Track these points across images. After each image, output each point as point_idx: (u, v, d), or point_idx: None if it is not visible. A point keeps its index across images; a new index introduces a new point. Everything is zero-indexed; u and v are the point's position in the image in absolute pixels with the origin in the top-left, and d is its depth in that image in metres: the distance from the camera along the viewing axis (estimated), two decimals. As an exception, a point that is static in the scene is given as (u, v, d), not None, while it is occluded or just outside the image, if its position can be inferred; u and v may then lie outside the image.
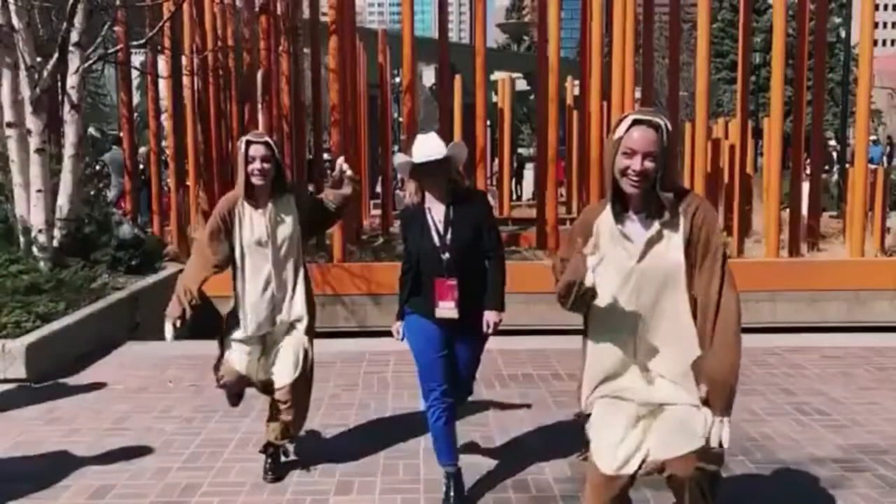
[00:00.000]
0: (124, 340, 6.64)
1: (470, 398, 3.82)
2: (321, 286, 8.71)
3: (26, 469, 3.95)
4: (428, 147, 3.36)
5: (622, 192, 2.32)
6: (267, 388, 3.75)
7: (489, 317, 3.44)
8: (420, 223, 3.44)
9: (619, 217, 2.35)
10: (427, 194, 3.44)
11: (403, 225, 3.62)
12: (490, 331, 3.47)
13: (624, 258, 2.34)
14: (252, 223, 3.65)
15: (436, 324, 3.42)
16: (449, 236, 3.39)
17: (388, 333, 3.59)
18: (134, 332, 7.02)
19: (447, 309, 3.38)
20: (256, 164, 3.55)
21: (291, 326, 3.74)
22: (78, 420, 4.69)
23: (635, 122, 2.28)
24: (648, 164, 2.25)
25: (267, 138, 3.68)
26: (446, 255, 3.36)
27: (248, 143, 3.58)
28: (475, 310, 3.40)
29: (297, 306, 3.75)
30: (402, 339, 3.53)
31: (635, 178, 2.25)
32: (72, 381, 5.51)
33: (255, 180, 3.58)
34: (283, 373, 3.67)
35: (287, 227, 3.69)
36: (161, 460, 4.02)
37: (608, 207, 2.37)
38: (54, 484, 3.70)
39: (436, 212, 3.43)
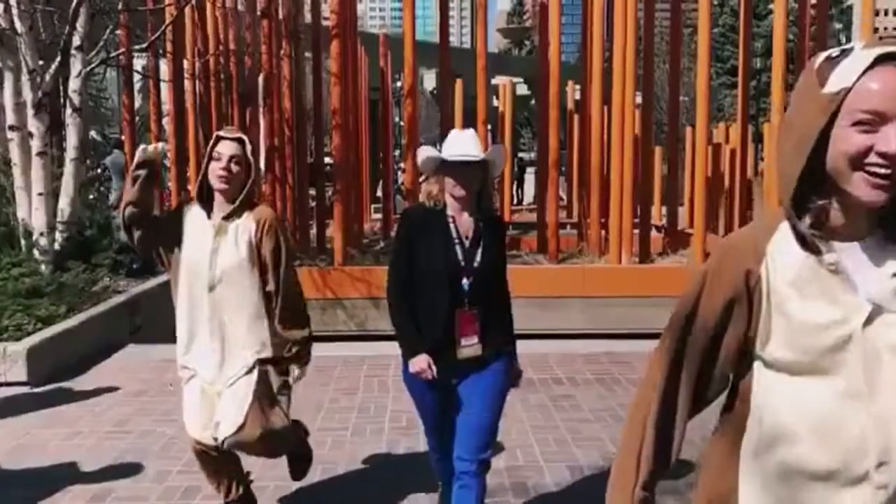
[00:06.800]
0: (125, 343, 6.64)
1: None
2: (322, 290, 8.72)
3: (27, 472, 3.95)
4: (464, 145, 2.77)
5: (821, 206, 1.24)
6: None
7: (519, 370, 3.02)
8: (440, 232, 2.79)
9: (817, 247, 1.24)
10: (450, 201, 2.81)
11: (411, 227, 2.87)
12: (517, 387, 3.05)
13: (833, 318, 1.23)
14: (199, 236, 2.99)
15: (446, 369, 2.79)
16: (478, 256, 2.79)
17: (389, 337, 3.17)
18: (134, 335, 7.03)
19: (470, 347, 2.78)
20: (222, 164, 2.92)
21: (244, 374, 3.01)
22: (79, 423, 4.69)
23: (880, 60, 1.17)
24: None
25: (241, 135, 3.04)
26: (470, 279, 2.76)
27: (219, 138, 2.99)
28: (493, 347, 2.85)
29: (243, 358, 2.99)
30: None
31: (885, 173, 1.16)
32: (72, 384, 5.51)
33: (217, 184, 2.94)
34: (225, 425, 2.95)
35: (232, 253, 2.95)
36: (161, 463, 4.02)
37: (783, 230, 1.28)
38: (55, 487, 3.71)
39: (461, 224, 2.82)
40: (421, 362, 2.76)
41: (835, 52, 1.23)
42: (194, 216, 3.04)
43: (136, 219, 2.97)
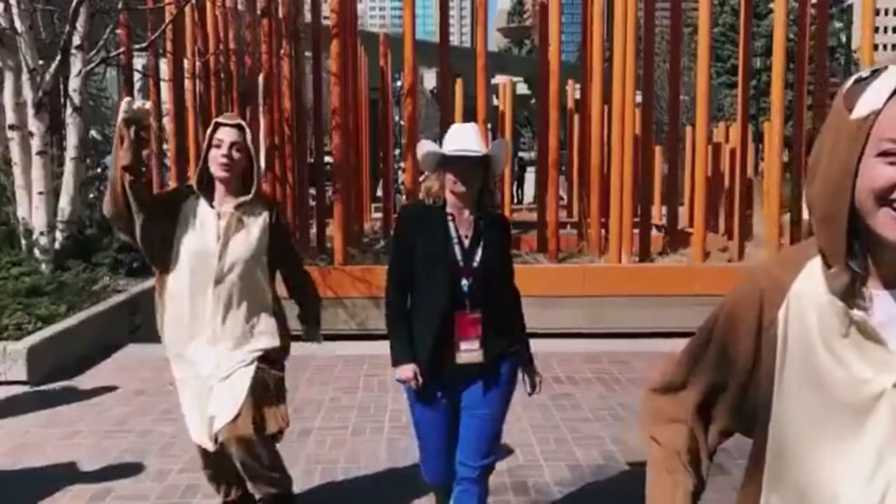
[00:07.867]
0: (125, 343, 6.64)
1: None
2: (322, 289, 8.70)
3: (27, 471, 3.95)
4: (465, 139, 2.64)
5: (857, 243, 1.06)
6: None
7: (535, 374, 2.91)
8: (438, 230, 2.67)
9: (852, 294, 1.06)
10: (450, 198, 2.69)
11: (409, 225, 2.75)
12: (538, 391, 2.93)
13: (861, 375, 1.06)
14: (203, 226, 2.89)
15: (445, 375, 2.68)
16: (478, 256, 2.67)
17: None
18: (134, 334, 7.02)
19: (470, 351, 2.65)
20: (223, 151, 2.83)
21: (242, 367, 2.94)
22: (78, 422, 4.70)
23: None
24: None
25: (241, 121, 2.94)
26: (469, 279, 2.64)
27: (217, 125, 2.88)
28: (495, 352, 2.72)
29: (242, 353, 2.91)
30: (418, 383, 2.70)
31: None
32: (72, 383, 5.51)
33: (219, 172, 2.85)
34: (219, 418, 2.88)
35: (245, 243, 2.89)
36: (161, 463, 4.03)
37: (812, 268, 1.11)
38: (55, 486, 3.71)
39: (461, 222, 2.70)
40: (406, 371, 2.67)
41: (865, 72, 1.05)
42: (195, 205, 2.92)
43: (134, 187, 2.76)
